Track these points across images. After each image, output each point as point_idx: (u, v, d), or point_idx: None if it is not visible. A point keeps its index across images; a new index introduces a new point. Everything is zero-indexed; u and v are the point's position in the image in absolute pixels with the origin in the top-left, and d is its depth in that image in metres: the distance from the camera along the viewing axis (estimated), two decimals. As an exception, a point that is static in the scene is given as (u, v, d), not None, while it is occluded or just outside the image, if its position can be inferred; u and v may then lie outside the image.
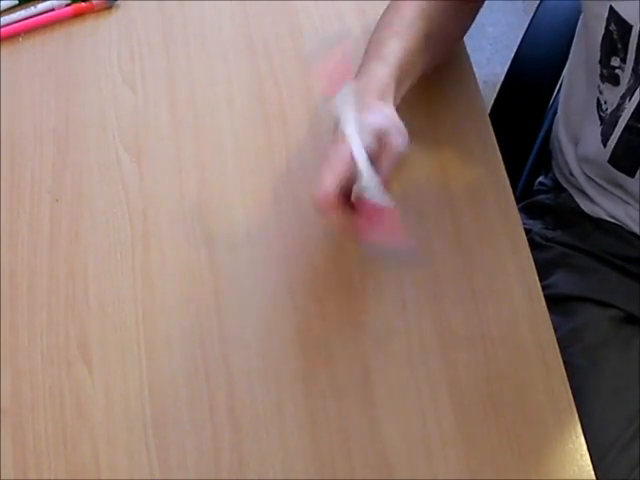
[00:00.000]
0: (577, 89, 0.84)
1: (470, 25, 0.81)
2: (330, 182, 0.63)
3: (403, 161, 0.65)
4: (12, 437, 0.69)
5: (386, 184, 0.64)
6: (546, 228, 0.92)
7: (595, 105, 0.80)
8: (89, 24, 0.89)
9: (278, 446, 0.67)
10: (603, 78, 0.76)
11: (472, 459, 0.66)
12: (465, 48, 0.84)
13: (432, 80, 0.79)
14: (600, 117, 0.80)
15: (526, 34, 0.95)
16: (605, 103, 0.78)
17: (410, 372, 0.69)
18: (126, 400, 0.69)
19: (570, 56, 0.87)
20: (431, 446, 0.67)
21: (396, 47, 0.71)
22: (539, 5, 0.98)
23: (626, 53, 0.71)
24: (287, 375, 0.70)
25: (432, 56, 0.75)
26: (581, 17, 0.81)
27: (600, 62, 0.75)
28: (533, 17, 0.96)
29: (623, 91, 0.74)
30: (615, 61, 0.73)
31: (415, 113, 0.78)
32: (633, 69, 0.71)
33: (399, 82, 0.70)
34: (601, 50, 0.74)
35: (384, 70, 0.69)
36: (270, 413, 0.68)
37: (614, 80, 0.75)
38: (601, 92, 0.78)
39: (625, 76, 0.73)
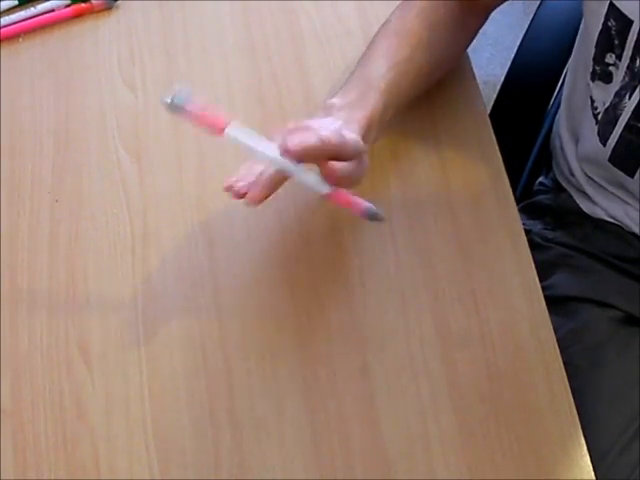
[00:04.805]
0: (577, 86, 0.85)
1: (469, 43, 0.81)
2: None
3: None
4: (12, 437, 0.68)
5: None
6: (546, 228, 0.92)
7: (589, 103, 0.80)
8: (89, 25, 0.89)
9: (278, 446, 0.67)
10: (595, 76, 0.76)
11: (472, 459, 0.66)
12: (465, 49, 0.84)
13: (432, 80, 0.79)
14: (594, 115, 0.80)
15: (526, 35, 0.95)
16: (595, 102, 0.78)
17: (410, 372, 0.69)
18: (126, 400, 0.69)
19: (573, 52, 0.87)
20: (431, 446, 0.67)
21: (384, 65, 0.72)
22: (539, 6, 0.98)
23: (622, 49, 0.71)
24: (287, 375, 0.70)
25: (429, 63, 0.75)
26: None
27: (594, 59, 0.75)
28: (533, 18, 0.96)
29: (617, 89, 0.74)
30: (610, 58, 0.73)
31: (415, 113, 0.78)
32: (628, 66, 0.71)
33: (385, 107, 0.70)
34: (596, 46, 0.74)
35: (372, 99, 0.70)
36: (270, 413, 0.68)
37: (607, 77, 0.75)
38: (591, 90, 0.78)
39: (619, 74, 0.73)
